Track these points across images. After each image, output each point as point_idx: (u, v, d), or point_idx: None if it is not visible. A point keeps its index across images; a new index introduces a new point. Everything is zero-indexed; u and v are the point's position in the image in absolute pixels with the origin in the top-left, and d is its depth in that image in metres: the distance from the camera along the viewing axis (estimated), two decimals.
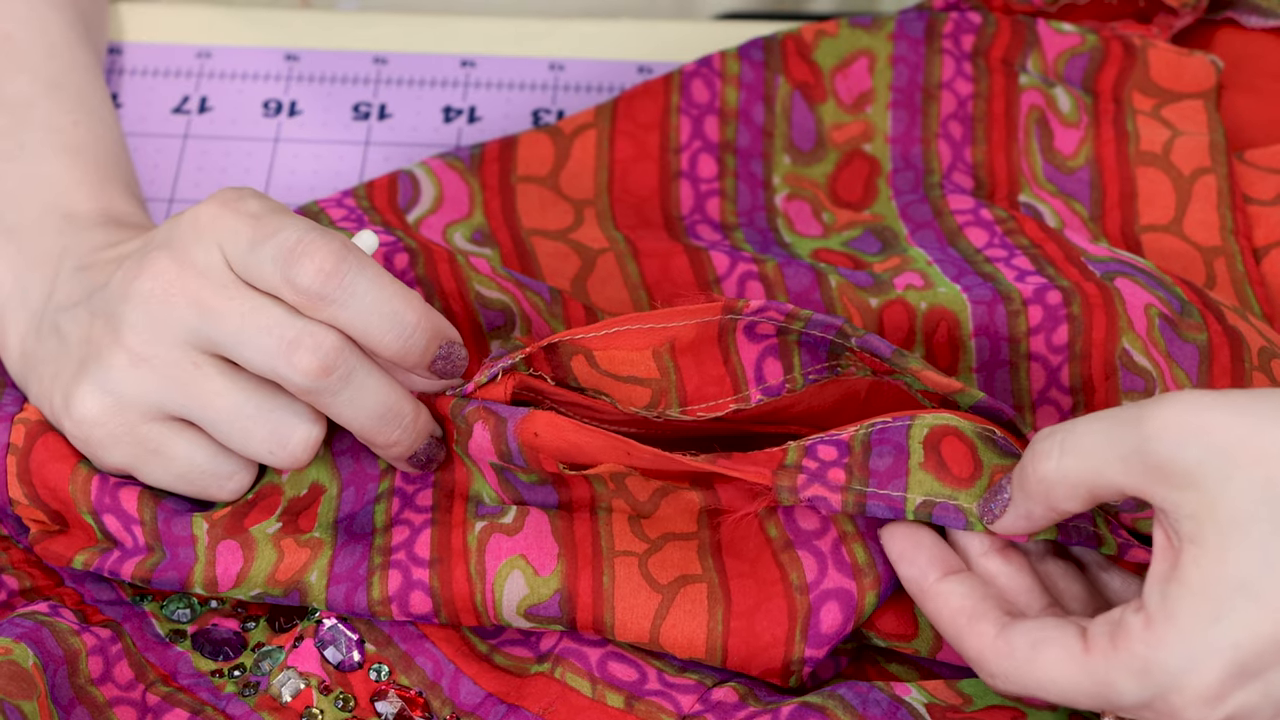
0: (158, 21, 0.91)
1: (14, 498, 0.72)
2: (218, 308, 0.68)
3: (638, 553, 0.69)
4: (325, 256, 0.67)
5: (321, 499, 0.71)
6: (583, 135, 0.83)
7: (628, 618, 0.68)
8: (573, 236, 0.81)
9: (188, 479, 0.70)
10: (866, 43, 0.83)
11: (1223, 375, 0.72)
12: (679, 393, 0.69)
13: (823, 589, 0.67)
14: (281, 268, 0.67)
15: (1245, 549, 0.59)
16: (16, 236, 0.75)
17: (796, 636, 0.67)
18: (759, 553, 0.68)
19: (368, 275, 0.67)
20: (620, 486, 0.69)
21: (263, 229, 0.67)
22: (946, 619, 0.65)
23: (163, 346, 0.68)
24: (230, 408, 0.69)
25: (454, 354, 0.69)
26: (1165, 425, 0.59)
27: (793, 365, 0.69)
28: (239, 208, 0.68)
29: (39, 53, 0.80)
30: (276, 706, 0.69)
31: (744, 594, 0.68)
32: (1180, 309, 0.74)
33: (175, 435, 0.70)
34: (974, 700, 0.66)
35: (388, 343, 0.68)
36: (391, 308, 0.67)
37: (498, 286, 0.76)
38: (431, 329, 0.68)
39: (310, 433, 0.69)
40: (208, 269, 0.68)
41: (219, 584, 0.70)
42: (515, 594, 0.69)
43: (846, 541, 0.68)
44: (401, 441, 0.70)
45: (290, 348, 0.67)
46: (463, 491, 0.71)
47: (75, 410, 0.70)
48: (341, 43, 0.90)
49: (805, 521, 0.68)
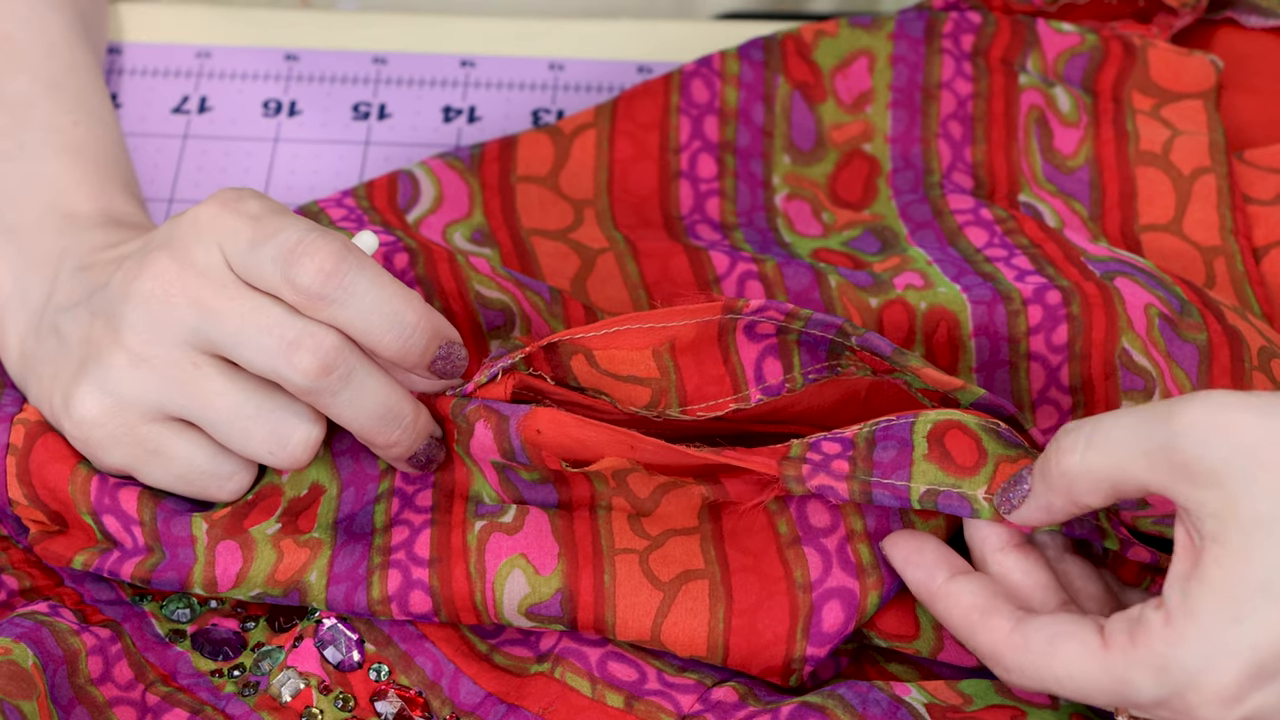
0: (157, 21, 0.91)
1: (13, 498, 0.72)
2: (218, 308, 0.68)
3: (638, 550, 0.69)
4: (325, 256, 0.67)
5: (321, 499, 0.71)
6: (582, 135, 0.83)
7: (629, 616, 0.68)
8: (572, 236, 0.81)
9: (187, 479, 0.70)
10: (866, 42, 0.83)
11: (1222, 375, 0.72)
12: (679, 392, 0.69)
13: (826, 587, 0.67)
14: (281, 267, 0.67)
15: (1268, 550, 0.59)
16: (16, 237, 0.75)
17: (798, 634, 0.67)
18: (764, 548, 0.68)
19: (368, 275, 0.67)
20: (622, 484, 0.69)
21: (263, 229, 0.67)
22: (958, 617, 0.65)
23: (163, 346, 0.68)
24: (230, 408, 0.69)
25: (454, 354, 0.69)
26: (1193, 423, 0.59)
27: (792, 365, 0.69)
28: (239, 208, 0.68)
29: (39, 53, 0.80)
30: (276, 706, 0.69)
31: (746, 590, 0.68)
32: (1180, 309, 0.74)
33: (175, 436, 0.70)
34: (974, 700, 0.66)
35: (388, 343, 0.68)
36: (391, 308, 0.67)
37: (497, 286, 0.76)
38: (431, 329, 0.68)
39: (310, 433, 0.69)
40: (208, 269, 0.68)
41: (218, 584, 0.70)
42: (516, 593, 0.69)
43: (853, 541, 0.68)
44: (401, 442, 0.70)
45: (290, 348, 0.67)
46: (462, 492, 0.71)
47: (75, 411, 0.69)
48: (341, 43, 0.90)
49: (816, 518, 0.68)
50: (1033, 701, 0.66)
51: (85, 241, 0.74)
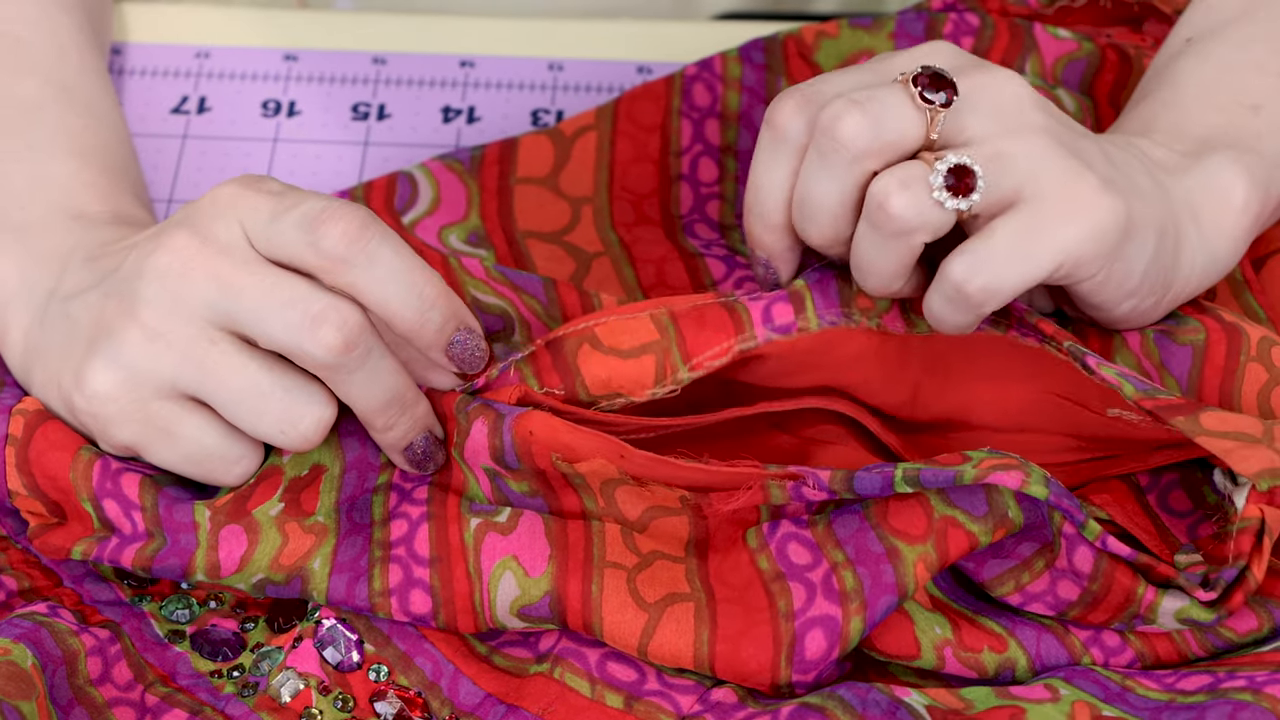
0: (157, 21, 0.91)
1: (13, 489, 0.71)
2: (239, 282, 0.67)
3: (627, 567, 0.68)
4: (351, 220, 0.67)
5: (323, 478, 0.71)
6: (583, 137, 0.83)
7: (615, 631, 0.68)
8: (567, 239, 0.81)
9: (195, 460, 0.70)
10: (867, 43, 0.83)
11: (1214, 374, 0.72)
12: (680, 347, 0.69)
13: (808, 616, 0.67)
14: (306, 232, 0.67)
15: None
16: (24, 235, 0.75)
17: (782, 663, 0.67)
18: (749, 582, 0.68)
19: (391, 244, 0.67)
20: (610, 503, 0.69)
21: (284, 202, 0.68)
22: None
23: (179, 322, 0.68)
24: (244, 386, 0.68)
25: (472, 342, 0.69)
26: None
27: (805, 308, 0.69)
28: (260, 186, 0.69)
29: (50, 56, 0.80)
30: (275, 707, 0.69)
31: (730, 618, 0.67)
32: (1175, 323, 0.73)
33: (186, 415, 0.69)
34: (975, 704, 0.66)
35: (406, 315, 0.68)
36: (412, 279, 0.67)
37: (493, 291, 0.76)
38: (450, 309, 0.68)
39: (323, 414, 0.69)
40: (229, 245, 0.68)
41: (221, 569, 0.69)
42: (507, 595, 0.69)
43: (838, 571, 0.67)
44: (398, 427, 0.69)
45: (315, 322, 0.67)
46: (458, 489, 0.71)
47: (87, 386, 0.69)
48: (340, 43, 0.90)
49: (797, 556, 0.68)
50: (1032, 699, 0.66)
51: (95, 238, 0.74)
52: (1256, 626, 0.67)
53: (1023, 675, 0.68)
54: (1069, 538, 0.66)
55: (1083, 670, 0.67)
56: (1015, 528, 0.67)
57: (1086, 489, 0.72)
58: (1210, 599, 0.66)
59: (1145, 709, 0.65)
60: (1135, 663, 0.68)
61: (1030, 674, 0.68)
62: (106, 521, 0.71)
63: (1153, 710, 0.65)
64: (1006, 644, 0.68)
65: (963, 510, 0.66)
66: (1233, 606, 0.66)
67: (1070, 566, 0.67)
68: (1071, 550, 0.66)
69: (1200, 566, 0.68)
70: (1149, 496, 0.73)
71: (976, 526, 0.66)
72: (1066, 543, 0.66)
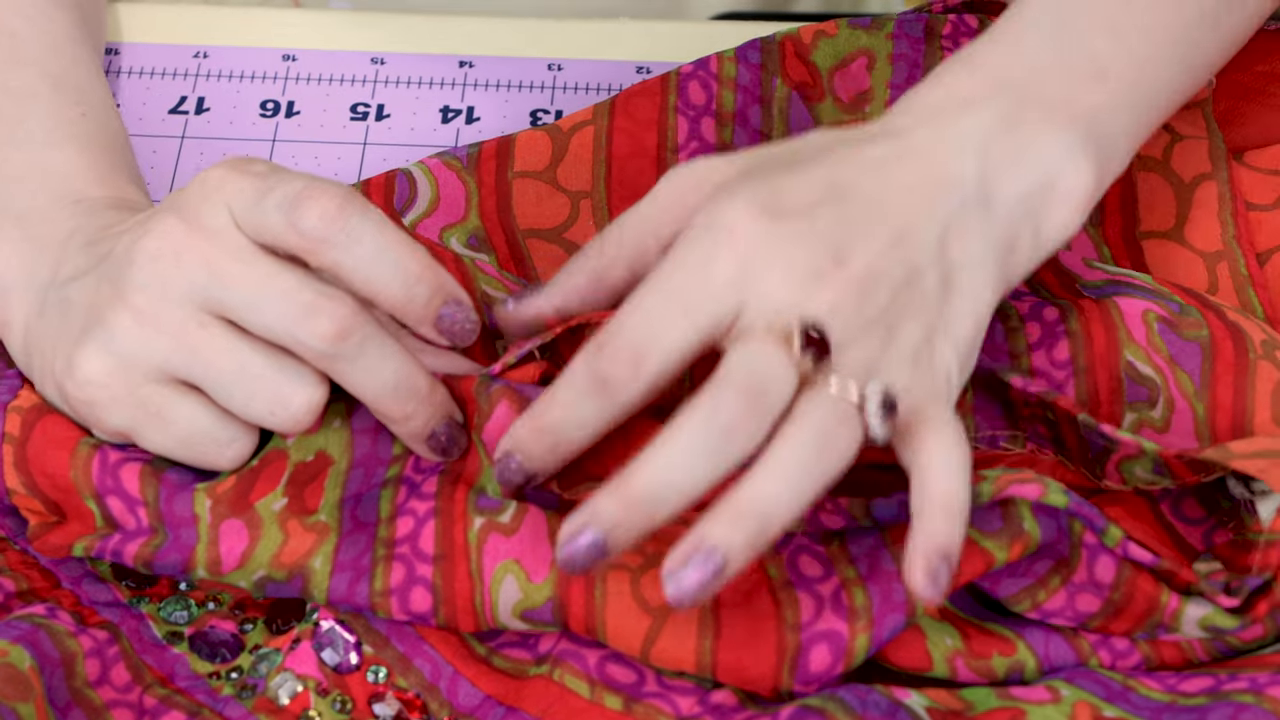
0: (155, 22, 0.91)
1: (11, 487, 0.71)
2: (230, 271, 0.67)
3: (632, 567, 0.68)
4: (329, 200, 0.67)
5: (329, 472, 0.71)
6: (581, 132, 0.83)
7: (618, 636, 0.68)
8: (566, 236, 0.81)
9: (188, 443, 0.70)
10: (866, 42, 0.83)
11: (1226, 370, 0.72)
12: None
13: (815, 630, 0.66)
14: (286, 213, 0.67)
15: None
16: (23, 221, 0.75)
17: (784, 673, 0.67)
18: (756, 587, 0.68)
19: (372, 221, 0.67)
20: None
21: (268, 183, 0.68)
22: None
23: (169, 305, 0.68)
24: (235, 367, 0.68)
25: (460, 314, 0.69)
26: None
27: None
28: (246, 168, 0.69)
29: (43, 48, 0.80)
30: (274, 709, 0.69)
31: (734, 627, 0.67)
32: (1179, 310, 0.74)
33: (178, 398, 0.69)
34: (975, 705, 0.66)
35: (392, 292, 0.68)
36: (395, 255, 0.67)
37: (504, 288, 0.76)
38: (436, 282, 0.68)
39: (313, 395, 0.69)
40: (218, 231, 0.68)
41: (222, 564, 0.69)
42: (510, 598, 0.68)
43: (848, 587, 0.67)
44: (417, 416, 0.69)
45: (307, 312, 0.67)
46: (469, 480, 0.70)
47: (78, 371, 0.69)
48: (339, 43, 0.90)
49: (807, 568, 0.68)
50: (1033, 700, 0.66)
51: (95, 222, 0.74)
52: (1262, 634, 0.67)
53: (1031, 677, 0.68)
54: (1090, 548, 0.66)
55: (1085, 670, 0.67)
56: (1032, 543, 0.66)
57: (1099, 500, 0.73)
58: (1234, 605, 0.66)
59: (1147, 709, 0.65)
60: (1141, 665, 0.68)
61: (1039, 675, 0.68)
62: (111, 519, 0.70)
63: (1154, 710, 0.65)
64: (1015, 647, 0.68)
65: (975, 528, 0.66)
66: (1257, 614, 0.66)
67: (1091, 578, 0.67)
68: (1093, 560, 0.66)
69: (1221, 574, 0.68)
70: (1162, 505, 0.73)
71: (991, 543, 0.66)
72: (1088, 553, 0.66)
